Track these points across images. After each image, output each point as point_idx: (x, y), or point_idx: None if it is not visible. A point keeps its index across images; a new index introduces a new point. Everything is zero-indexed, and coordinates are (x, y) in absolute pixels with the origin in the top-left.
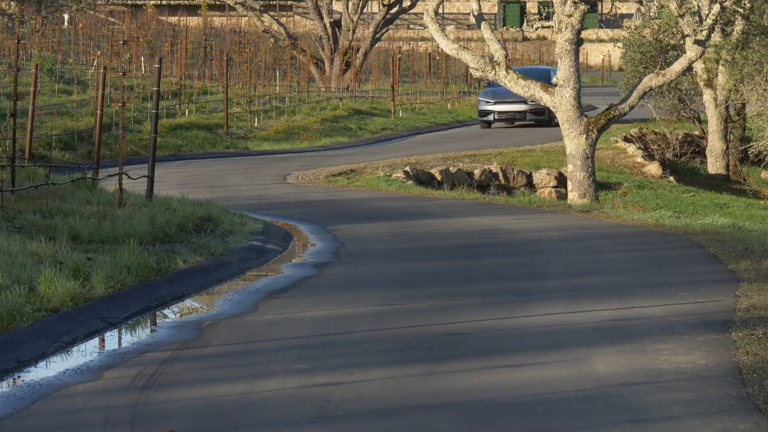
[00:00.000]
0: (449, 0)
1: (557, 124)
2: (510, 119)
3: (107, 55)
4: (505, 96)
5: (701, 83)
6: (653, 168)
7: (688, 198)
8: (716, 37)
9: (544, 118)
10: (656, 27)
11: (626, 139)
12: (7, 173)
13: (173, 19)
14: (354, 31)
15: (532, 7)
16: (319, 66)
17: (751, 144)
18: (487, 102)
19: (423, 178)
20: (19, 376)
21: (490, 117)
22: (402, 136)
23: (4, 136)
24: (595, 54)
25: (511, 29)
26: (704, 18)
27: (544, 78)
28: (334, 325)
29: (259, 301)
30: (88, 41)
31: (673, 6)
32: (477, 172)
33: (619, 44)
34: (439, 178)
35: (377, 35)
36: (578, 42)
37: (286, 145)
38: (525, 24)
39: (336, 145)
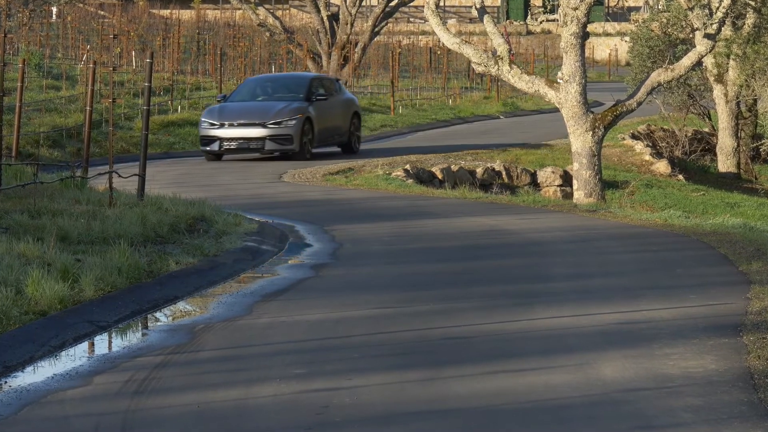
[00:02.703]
0: None
1: (312, 156)
2: (242, 148)
3: (97, 49)
4: (239, 115)
5: (711, 78)
6: (662, 166)
7: (698, 197)
8: (727, 31)
9: (291, 147)
10: (665, 20)
11: (634, 137)
12: None
13: (165, 13)
14: (352, 25)
15: None
16: (316, 61)
17: (763, 141)
18: (212, 125)
19: (423, 177)
20: (5, 382)
21: (215, 146)
22: (402, 133)
23: None
24: (601, 48)
25: (514, 22)
26: (714, 11)
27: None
28: (331, 329)
29: (254, 304)
30: (78, 35)
31: None
32: (479, 171)
33: (627, 38)
34: (440, 176)
35: (376, 29)
36: (584, 36)
37: None
38: (529, 17)
39: None
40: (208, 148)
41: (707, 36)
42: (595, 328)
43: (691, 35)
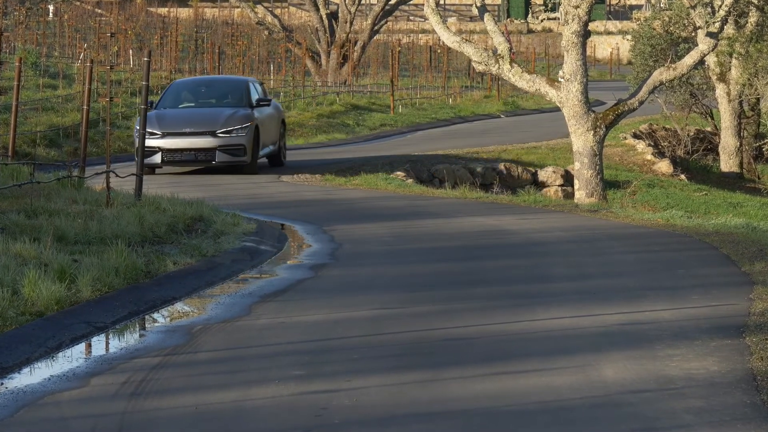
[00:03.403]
0: None
1: (252, 171)
2: (188, 160)
3: (94, 47)
4: (183, 123)
5: (714, 77)
6: (664, 166)
7: (700, 197)
8: (729, 30)
9: (244, 159)
10: (667, 19)
11: (636, 136)
12: None
13: (163, 11)
14: (351, 23)
15: None
16: (315, 59)
17: (766, 141)
18: (151, 134)
19: (424, 177)
20: (2, 383)
21: (156, 158)
22: (402, 133)
23: None
24: (603, 47)
25: (515, 21)
26: (717, 9)
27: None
28: (330, 330)
29: (253, 305)
30: (74, 33)
31: None
32: (480, 170)
33: (628, 37)
34: (440, 176)
35: (376, 27)
36: (585, 34)
37: None
38: (530, 15)
39: (333, 142)
40: (147, 161)
41: (709, 34)
42: (597, 329)
43: (693, 34)
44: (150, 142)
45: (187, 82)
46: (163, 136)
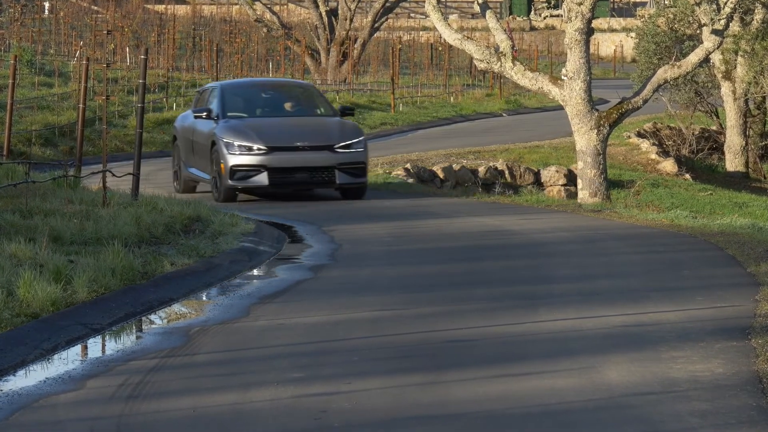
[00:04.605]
0: None
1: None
2: (303, 182)
3: (90, 45)
4: (288, 136)
5: (719, 75)
6: (668, 165)
7: (705, 197)
8: (735, 27)
9: (362, 181)
10: (671, 16)
11: (640, 135)
12: None
13: (160, 8)
14: (351, 20)
15: None
16: (314, 57)
17: None
18: (248, 149)
19: (425, 176)
20: None
21: (260, 179)
22: (402, 132)
23: None
24: (606, 44)
25: (517, 18)
26: (722, 6)
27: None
28: (330, 332)
29: (251, 306)
30: (70, 31)
31: None
32: (482, 170)
33: (632, 34)
34: (441, 175)
35: (376, 24)
36: (589, 32)
37: None
38: (532, 13)
39: None
40: (244, 184)
41: (715, 32)
42: (601, 331)
43: (698, 31)
44: (247, 159)
45: (242, 85)
46: (269, 151)
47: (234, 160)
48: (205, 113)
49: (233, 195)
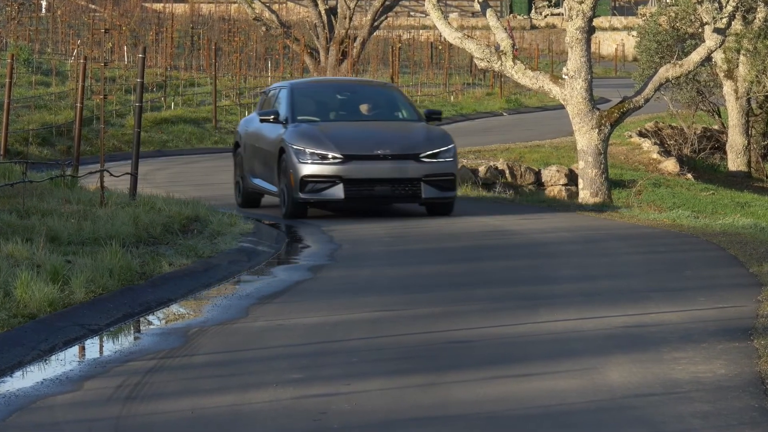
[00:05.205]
0: None
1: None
2: (383, 196)
3: (88, 44)
4: (366, 143)
5: (721, 74)
6: (670, 164)
7: (707, 197)
8: (737, 25)
9: (451, 195)
10: (673, 14)
11: (641, 134)
12: None
13: (158, 6)
14: (351, 19)
15: None
16: (313, 56)
17: None
18: (322, 157)
19: None
20: None
21: (334, 191)
22: None
23: None
24: (607, 43)
25: (518, 17)
26: (724, 4)
27: None
28: (330, 333)
29: (250, 307)
30: (68, 29)
31: None
32: (482, 169)
33: (634, 33)
34: None
35: (376, 23)
36: (590, 30)
37: None
38: (533, 11)
39: None
40: (316, 198)
41: (717, 30)
42: (602, 332)
43: (700, 30)
44: (319, 169)
45: (315, 85)
46: (346, 160)
47: (305, 169)
48: (272, 116)
49: (303, 210)
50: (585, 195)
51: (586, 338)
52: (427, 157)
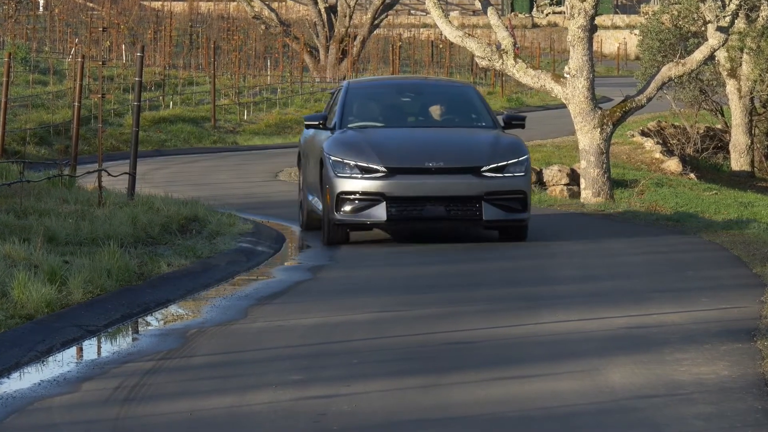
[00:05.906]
0: None
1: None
2: (434, 217)
3: (86, 43)
4: (415, 154)
5: (724, 73)
6: (672, 164)
7: (710, 196)
8: (740, 24)
9: (523, 216)
10: (676, 13)
11: (644, 134)
12: None
13: (156, 4)
14: (351, 17)
15: None
16: (313, 54)
17: None
18: (364, 170)
19: None
20: None
21: (377, 211)
22: None
23: None
24: (610, 42)
25: (519, 15)
26: (727, 3)
27: None
28: (329, 334)
29: (249, 308)
30: (65, 28)
31: None
32: None
33: (636, 31)
34: None
35: (376, 21)
36: (592, 29)
37: (278, 140)
38: (535, 9)
39: None
40: (353, 219)
41: (720, 29)
42: (604, 333)
43: (703, 28)
44: (359, 185)
45: (375, 84)
46: (389, 174)
47: (342, 185)
48: (319, 122)
49: (343, 235)
50: (587, 195)
51: (587, 339)
52: (491, 170)
